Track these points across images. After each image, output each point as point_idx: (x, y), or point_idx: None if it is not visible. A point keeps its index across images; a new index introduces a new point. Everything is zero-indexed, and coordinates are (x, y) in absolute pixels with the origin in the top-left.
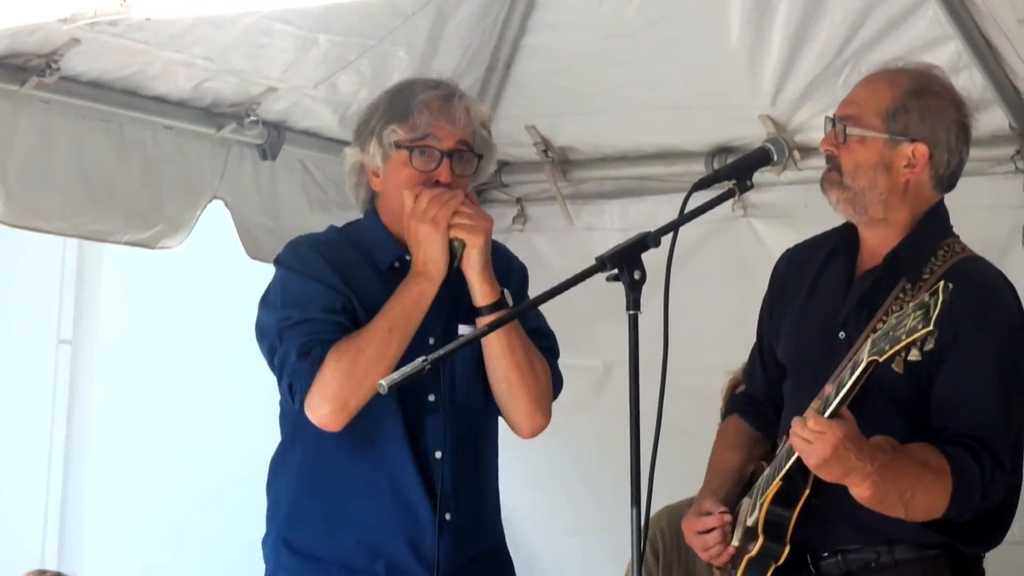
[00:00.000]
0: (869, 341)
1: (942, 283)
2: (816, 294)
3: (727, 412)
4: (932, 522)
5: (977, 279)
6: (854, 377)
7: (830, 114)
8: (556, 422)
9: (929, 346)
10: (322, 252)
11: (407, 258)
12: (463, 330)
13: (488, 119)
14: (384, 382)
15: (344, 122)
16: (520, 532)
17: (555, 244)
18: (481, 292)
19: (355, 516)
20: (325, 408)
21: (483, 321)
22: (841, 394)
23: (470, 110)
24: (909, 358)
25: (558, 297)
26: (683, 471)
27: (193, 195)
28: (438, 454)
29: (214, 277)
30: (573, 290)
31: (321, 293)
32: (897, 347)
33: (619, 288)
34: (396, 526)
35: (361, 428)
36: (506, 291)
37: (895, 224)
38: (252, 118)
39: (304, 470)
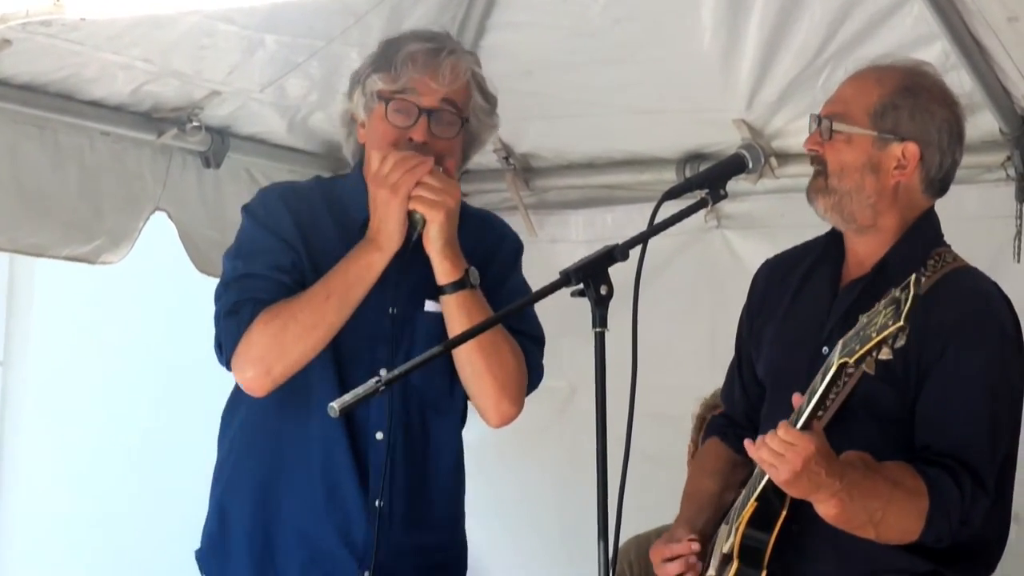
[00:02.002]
0: (840, 343)
1: (913, 276)
2: (798, 307)
3: (705, 435)
4: (917, 548)
5: (968, 290)
6: (825, 383)
7: (814, 113)
8: (516, 447)
9: (900, 343)
10: (288, 201)
11: None
12: (430, 306)
13: (486, 83)
14: (335, 404)
15: (293, 127)
16: (477, 567)
17: None
18: (442, 269)
19: (286, 492)
20: (249, 371)
21: (444, 300)
22: (813, 402)
23: (458, 67)
24: (880, 357)
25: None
26: (651, 499)
27: (134, 206)
28: (379, 435)
29: (154, 291)
30: (536, 306)
31: (272, 247)
32: (867, 346)
33: (584, 304)
34: (324, 508)
35: (298, 397)
36: (472, 269)
37: (884, 231)
38: (194, 123)
39: (245, 431)
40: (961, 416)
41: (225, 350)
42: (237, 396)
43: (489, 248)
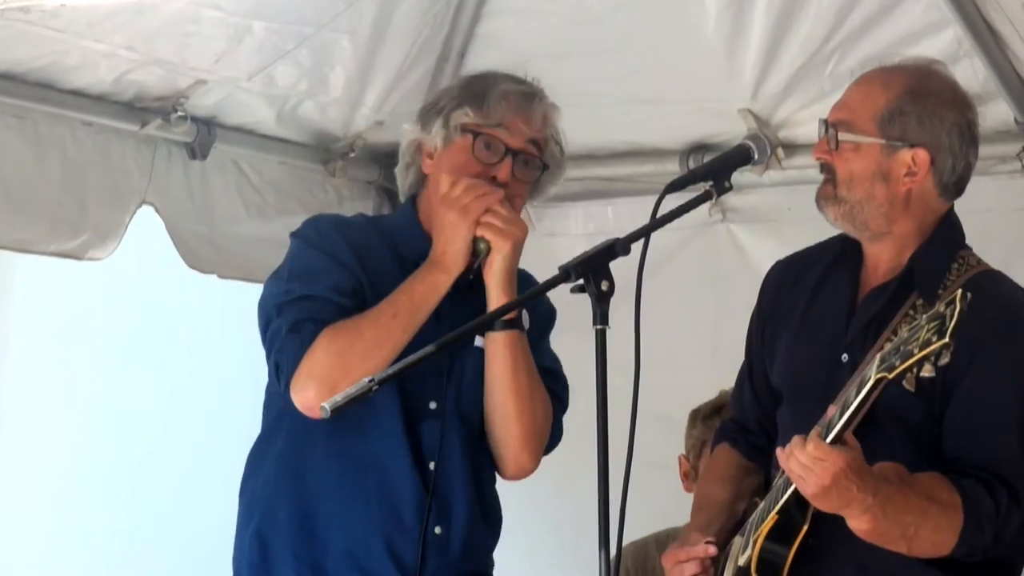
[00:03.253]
0: (877, 357)
1: (959, 292)
2: (815, 313)
3: (715, 442)
4: (941, 564)
5: (997, 296)
6: (860, 396)
7: (823, 117)
8: None
9: (944, 360)
10: (343, 231)
11: None
12: (479, 342)
13: (561, 135)
14: (327, 405)
15: (282, 117)
16: None
17: None
18: (497, 303)
19: (334, 517)
20: (311, 390)
21: (491, 336)
22: (845, 416)
23: (548, 116)
24: (922, 374)
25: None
26: (651, 506)
27: (120, 200)
28: (431, 464)
29: (142, 288)
30: None
31: (330, 270)
32: (909, 362)
33: (584, 301)
34: (378, 533)
35: (352, 421)
36: (524, 313)
37: (901, 237)
38: (179, 113)
39: (285, 460)
40: (992, 427)
41: (286, 369)
42: (274, 430)
43: (528, 304)
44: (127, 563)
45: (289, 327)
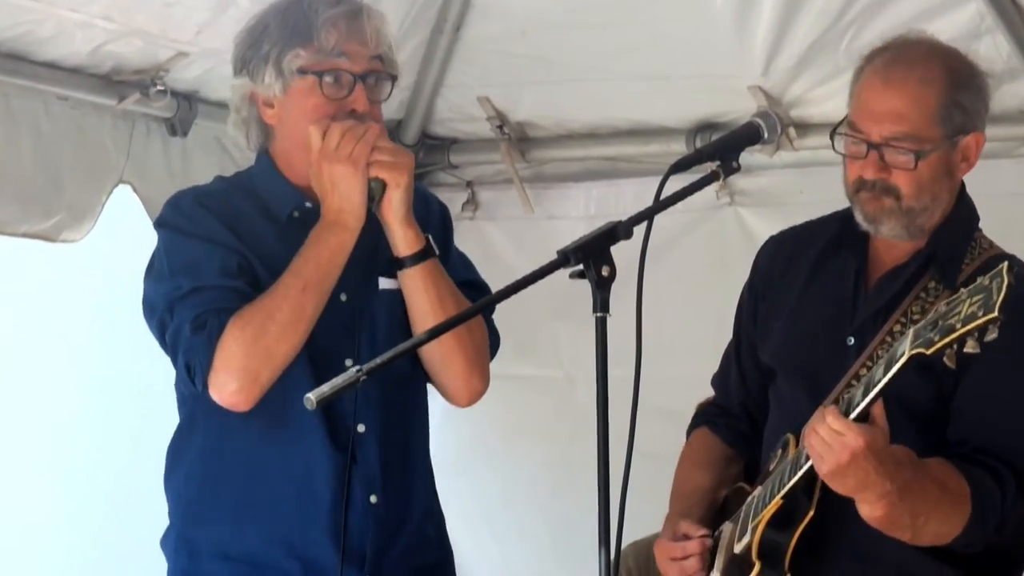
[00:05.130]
0: (911, 333)
1: (1006, 264)
2: (815, 292)
3: (693, 425)
4: (945, 555)
5: (1015, 279)
6: (891, 373)
7: (869, 135)
8: (506, 444)
9: (992, 335)
10: (208, 205)
11: (307, 205)
12: (385, 284)
13: (393, 37)
14: (312, 396)
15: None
16: (463, 575)
17: (511, 235)
18: (404, 240)
19: (266, 506)
20: (233, 384)
21: (406, 274)
22: (872, 393)
23: (380, 28)
24: (965, 350)
25: (513, 297)
26: (653, 503)
27: (96, 179)
28: (361, 427)
29: (119, 270)
30: (531, 289)
31: (212, 254)
32: (951, 337)
33: (584, 287)
34: (313, 515)
35: (268, 404)
36: (430, 237)
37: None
38: (159, 87)
39: (206, 456)
40: (1003, 413)
41: (199, 369)
42: (189, 426)
43: (419, 218)
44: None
45: (192, 325)
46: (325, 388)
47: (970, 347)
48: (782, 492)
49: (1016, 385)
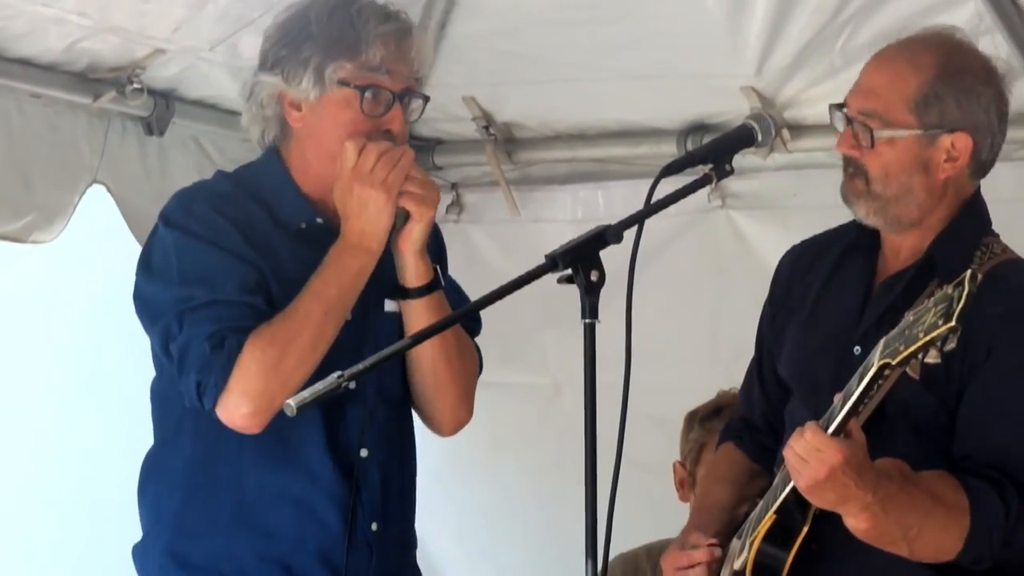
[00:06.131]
0: (881, 343)
1: (968, 272)
2: (827, 301)
3: (720, 440)
4: (953, 572)
5: (1016, 285)
6: (862, 385)
7: (840, 105)
8: (493, 452)
9: (950, 345)
10: (222, 210)
11: (318, 221)
12: (390, 306)
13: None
14: (292, 402)
15: (246, 90)
16: None
17: (497, 238)
18: (415, 272)
19: (259, 525)
20: (246, 407)
21: (410, 304)
22: (847, 407)
23: (422, 48)
24: (927, 360)
25: (499, 303)
26: (642, 513)
27: (69, 178)
28: (364, 452)
29: (88, 273)
30: (517, 294)
31: (231, 267)
32: (913, 347)
33: (572, 292)
34: (309, 538)
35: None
36: (438, 268)
37: (932, 226)
38: (135, 85)
39: (194, 468)
40: (1007, 425)
41: (212, 389)
42: (176, 435)
43: (428, 246)
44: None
45: (210, 342)
46: (306, 394)
47: (931, 358)
48: (773, 507)
49: (1018, 397)
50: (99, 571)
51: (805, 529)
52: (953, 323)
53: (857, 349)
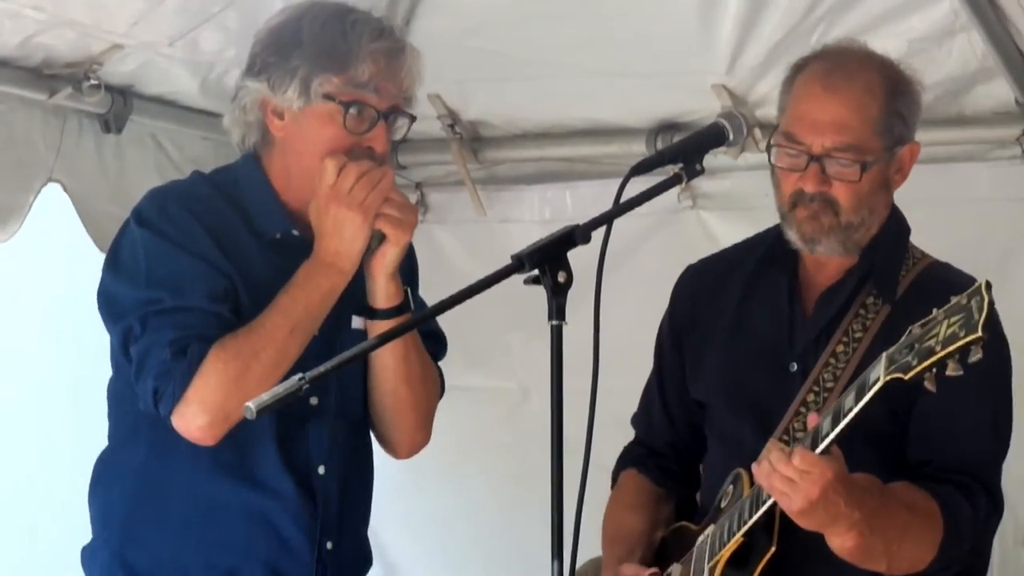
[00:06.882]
0: (884, 358)
1: (984, 281)
2: (750, 318)
3: (619, 467)
4: None
5: (956, 288)
6: (862, 403)
7: (810, 146)
8: (458, 457)
9: (977, 356)
10: (196, 213)
11: (294, 233)
12: (357, 323)
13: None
14: (252, 405)
15: (205, 87)
16: None
17: (462, 239)
18: (385, 294)
19: (209, 534)
20: (203, 419)
21: (377, 324)
22: (841, 425)
23: (413, 68)
24: (948, 373)
25: (463, 305)
26: None
27: (24, 177)
28: (321, 469)
29: (43, 274)
30: (482, 296)
31: (200, 274)
32: (931, 360)
33: (539, 294)
34: (259, 550)
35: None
36: (408, 291)
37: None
38: (92, 82)
39: (147, 474)
40: (966, 428)
41: (169, 397)
42: (131, 438)
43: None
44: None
45: (172, 348)
46: (265, 397)
47: (951, 369)
48: (743, 530)
49: (974, 398)
50: (47, 571)
51: (772, 549)
52: (980, 333)
53: (794, 366)
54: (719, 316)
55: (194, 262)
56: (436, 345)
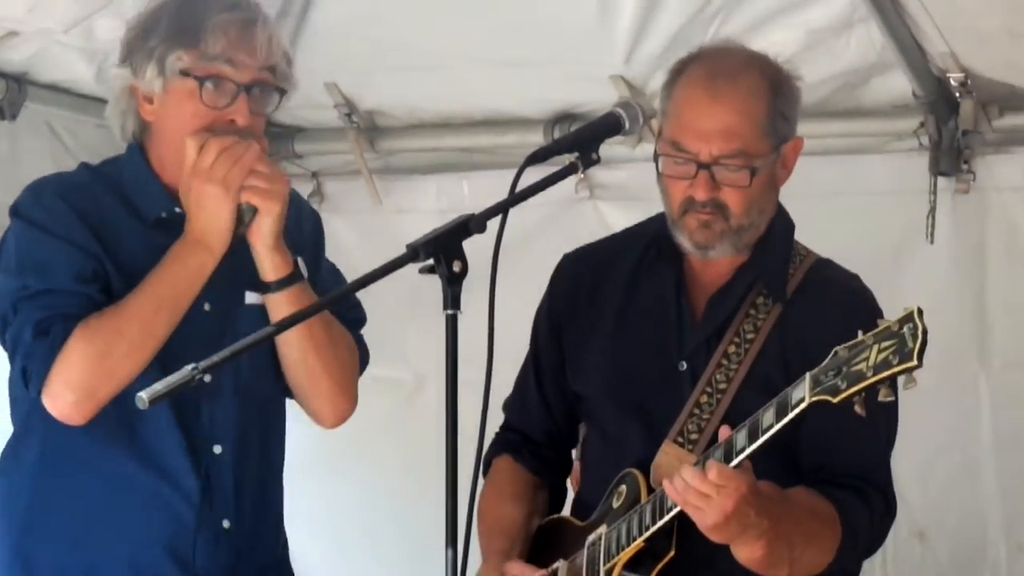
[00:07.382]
0: (808, 378)
1: (916, 308)
2: (635, 314)
3: (492, 452)
4: None
5: (843, 290)
6: (783, 422)
7: (698, 154)
8: (352, 448)
9: (912, 385)
10: (71, 200)
11: (177, 211)
12: (251, 298)
13: (290, 50)
14: (145, 395)
15: (102, 74)
16: None
17: (358, 228)
18: (271, 265)
19: (109, 523)
20: (69, 396)
21: (271, 298)
22: (759, 441)
23: (273, 38)
24: (880, 398)
25: (359, 294)
26: None
27: None
28: (217, 448)
29: None
30: (377, 285)
31: (67, 256)
32: (861, 385)
33: (434, 283)
34: (159, 535)
35: (117, 414)
36: (299, 260)
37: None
38: None
39: (45, 464)
40: (856, 431)
41: (36, 376)
42: (25, 431)
43: (290, 227)
44: None
45: (35, 329)
46: (159, 387)
47: (883, 395)
48: (645, 535)
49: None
50: None
51: (672, 553)
52: (915, 362)
53: (683, 365)
54: (601, 309)
55: (61, 245)
56: (354, 313)
